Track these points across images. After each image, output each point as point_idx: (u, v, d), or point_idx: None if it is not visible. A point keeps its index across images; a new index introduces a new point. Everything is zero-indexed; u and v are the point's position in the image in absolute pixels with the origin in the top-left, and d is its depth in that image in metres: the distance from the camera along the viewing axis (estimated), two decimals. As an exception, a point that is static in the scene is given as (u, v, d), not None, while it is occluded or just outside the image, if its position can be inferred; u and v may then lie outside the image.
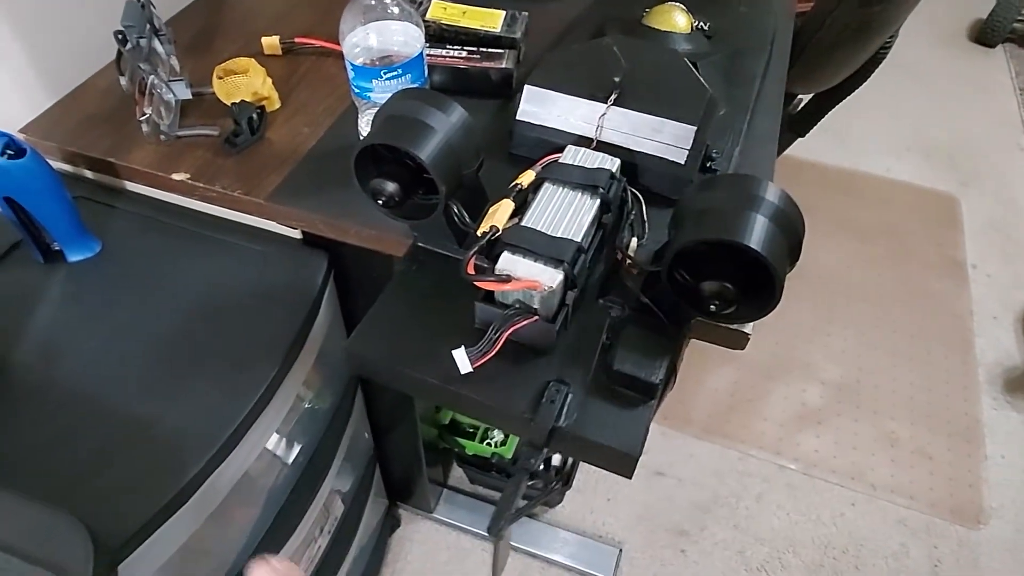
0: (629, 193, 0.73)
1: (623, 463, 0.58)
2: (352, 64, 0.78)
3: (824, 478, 1.64)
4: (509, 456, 1.44)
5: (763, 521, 1.57)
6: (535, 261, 0.61)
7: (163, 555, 0.73)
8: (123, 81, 0.92)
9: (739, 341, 0.74)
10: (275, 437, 0.89)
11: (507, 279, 0.59)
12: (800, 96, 1.71)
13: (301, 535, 1.01)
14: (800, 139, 1.81)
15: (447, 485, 1.57)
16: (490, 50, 0.98)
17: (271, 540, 0.96)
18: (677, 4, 0.96)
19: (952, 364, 1.85)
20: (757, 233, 0.56)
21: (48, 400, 0.76)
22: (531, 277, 0.60)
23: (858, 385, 1.80)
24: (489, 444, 1.44)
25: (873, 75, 1.58)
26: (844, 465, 1.66)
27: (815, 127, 1.77)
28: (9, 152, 0.79)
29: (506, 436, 1.45)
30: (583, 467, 1.55)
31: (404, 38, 0.80)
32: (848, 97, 1.68)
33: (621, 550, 1.51)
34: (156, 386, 0.77)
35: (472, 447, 1.44)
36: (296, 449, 0.98)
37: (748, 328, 0.73)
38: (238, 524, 0.90)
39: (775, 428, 1.72)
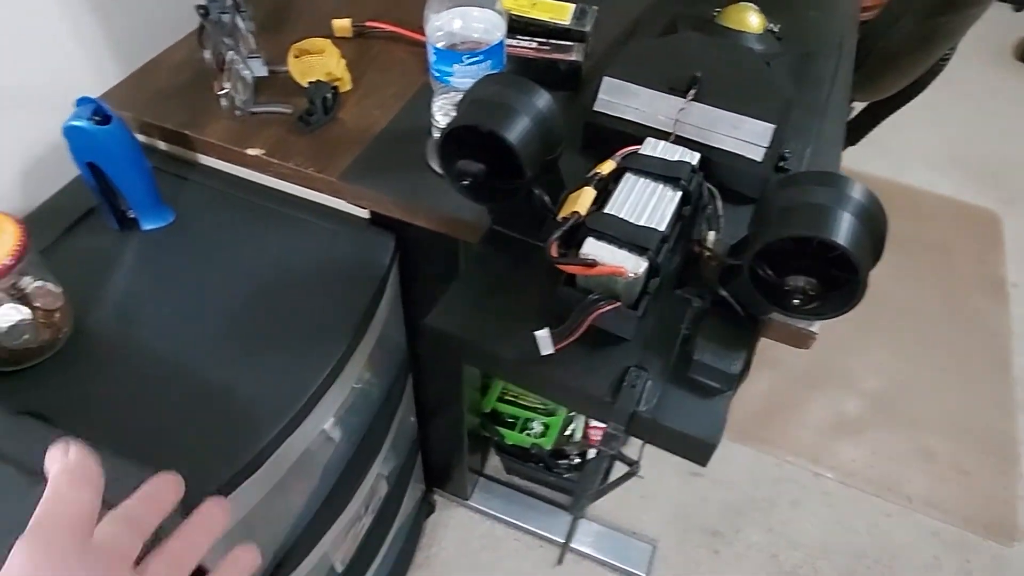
0: (705, 187, 0.74)
1: (700, 450, 0.59)
2: (434, 47, 0.79)
3: (860, 488, 1.63)
4: (548, 447, 1.45)
5: (797, 526, 1.57)
6: (619, 248, 0.62)
7: (232, 519, 0.75)
8: (206, 55, 0.94)
9: (805, 340, 0.75)
10: (334, 417, 0.90)
11: (593, 264, 0.60)
12: (853, 104, 1.70)
13: (350, 512, 1.03)
14: (851, 147, 1.80)
15: (483, 474, 1.59)
16: (559, 42, 0.99)
17: (324, 515, 0.98)
18: (751, 4, 0.96)
19: (991, 381, 1.83)
20: (845, 230, 0.56)
21: (126, 362, 0.78)
22: (616, 263, 0.61)
23: (896, 397, 1.79)
24: (528, 434, 1.45)
25: (923, 87, 1.57)
26: (880, 476, 1.65)
27: (866, 136, 1.76)
28: (95, 118, 0.81)
29: (545, 428, 1.46)
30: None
31: (486, 25, 0.80)
32: (899, 109, 1.67)
33: (655, 547, 1.51)
34: (230, 355, 0.79)
35: (512, 437, 1.45)
36: (351, 428, 0.99)
37: (815, 327, 0.73)
38: (296, 497, 0.92)
39: (812, 435, 1.71)
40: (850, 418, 1.75)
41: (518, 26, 1.02)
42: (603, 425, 1.48)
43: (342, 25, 1.08)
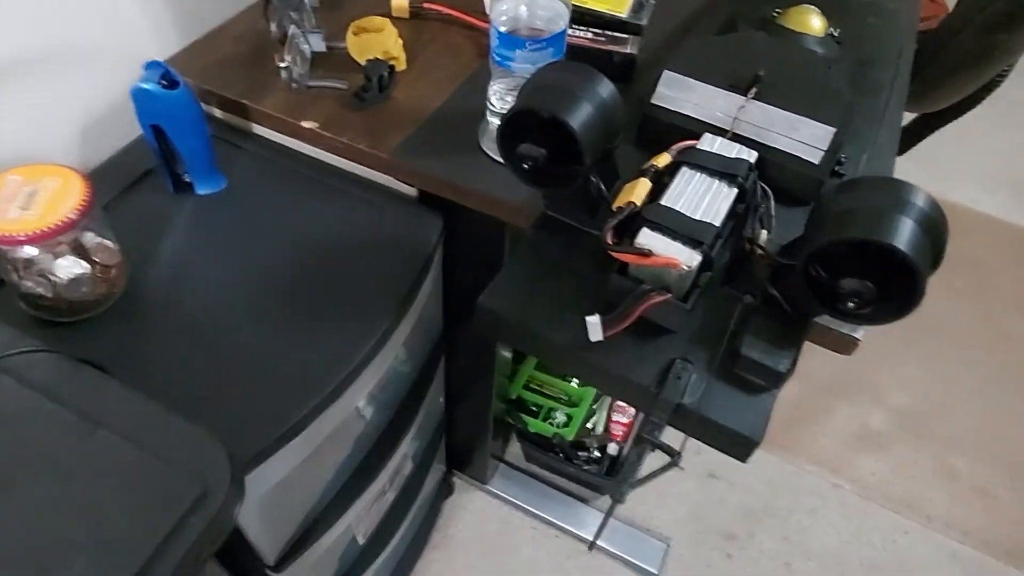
0: (760, 186, 0.74)
1: (742, 446, 0.59)
2: (498, 31, 0.80)
3: (879, 502, 1.62)
4: (570, 438, 1.46)
5: (813, 536, 1.56)
6: (674, 240, 0.62)
7: (268, 482, 0.77)
8: (272, 27, 0.95)
9: (848, 346, 0.75)
10: (369, 390, 0.92)
11: (648, 253, 0.61)
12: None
13: (377, 487, 1.05)
14: (897, 157, 1.78)
15: (504, 460, 1.60)
16: (614, 34, 0.99)
17: (352, 487, 0.99)
18: (813, 7, 0.95)
19: (1022, 406, 1.81)
20: (905, 236, 0.56)
21: (176, 320, 0.80)
22: (671, 255, 0.61)
23: (924, 415, 1.77)
24: (551, 424, 1.46)
25: (974, 103, 1.54)
26: (901, 492, 1.63)
27: (914, 147, 1.73)
28: (163, 82, 0.83)
29: (568, 419, 1.47)
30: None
31: (550, 13, 0.81)
32: (947, 124, 1.64)
33: (669, 545, 1.52)
34: (276, 320, 0.80)
35: (535, 425, 1.46)
36: (384, 404, 1.01)
37: (859, 334, 0.73)
38: (328, 467, 0.93)
39: (835, 446, 1.70)
40: (874, 432, 1.73)
41: (575, 15, 1.02)
42: (626, 420, 1.49)
43: (399, 5, 1.09)
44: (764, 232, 0.69)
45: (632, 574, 1.49)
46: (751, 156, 0.71)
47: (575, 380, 1.51)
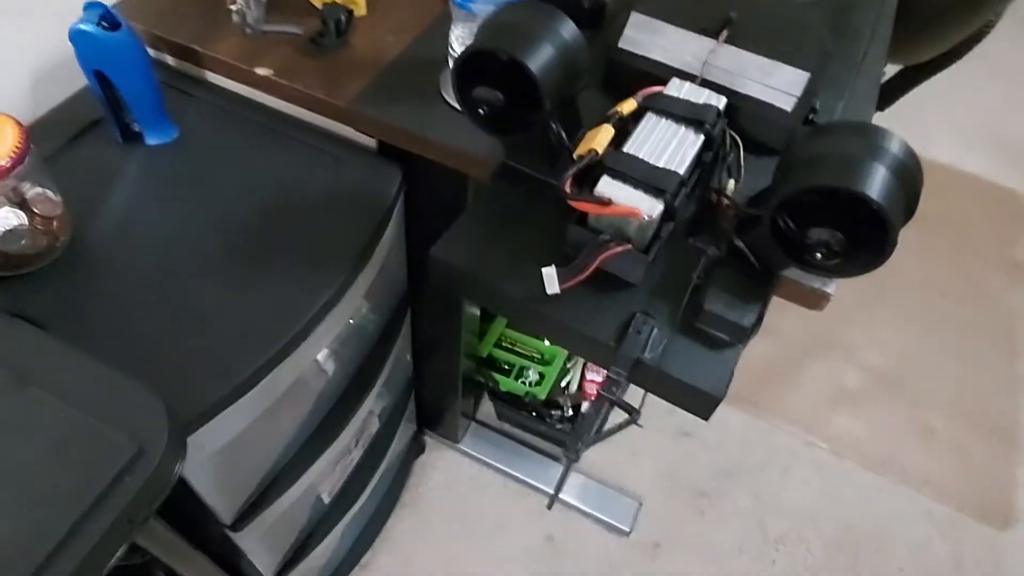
0: (728, 135, 0.71)
1: (704, 403, 0.57)
2: (457, -30, 0.75)
3: (853, 460, 1.62)
4: (542, 397, 1.45)
5: (786, 494, 1.57)
6: (635, 189, 0.59)
7: (219, 440, 0.75)
8: (219, -35, 0.90)
9: (818, 301, 0.73)
10: (329, 346, 0.89)
11: (607, 202, 0.58)
12: (885, 68, 1.64)
13: (340, 445, 1.03)
14: (878, 113, 1.75)
15: (475, 418, 1.59)
16: (586, -22, 0.94)
17: (313, 445, 0.97)
18: (792, -53, 0.91)
19: (999, 364, 1.81)
20: (878, 184, 0.53)
21: (123, 275, 0.76)
22: (631, 204, 0.58)
23: (899, 373, 1.77)
24: (523, 383, 1.45)
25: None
26: (875, 450, 1.64)
27: (896, 103, 1.70)
28: (104, 24, 0.78)
29: (541, 377, 1.46)
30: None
31: (513, -51, 0.76)
32: (930, 78, 1.61)
33: (641, 504, 1.52)
34: (228, 273, 0.77)
35: (507, 384, 1.44)
36: (346, 361, 0.98)
37: (831, 288, 0.71)
38: (286, 425, 0.91)
39: (809, 405, 1.70)
40: (849, 390, 1.73)
41: (544, -42, 0.98)
42: (600, 379, 1.48)
43: (361, -55, 1.03)
44: (732, 182, 0.67)
45: (604, 532, 1.49)
46: (720, 102, 0.68)
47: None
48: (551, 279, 0.58)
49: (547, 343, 1.47)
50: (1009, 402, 1.74)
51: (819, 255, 0.56)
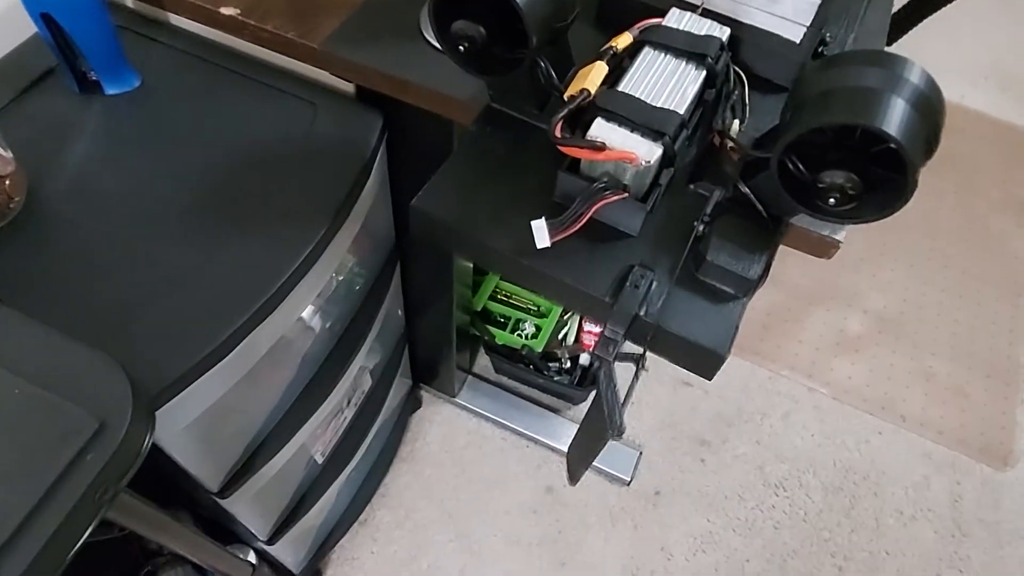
0: (732, 70, 0.65)
1: (707, 362, 0.54)
2: None
3: (854, 405, 1.61)
4: (539, 349, 1.41)
5: (786, 440, 1.56)
6: (632, 131, 0.54)
7: (196, 409, 0.71)
8: None
9: (827, 249, 0.69)
10: (313, 305, 0.85)
11: (601, 147, 0.53)
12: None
13: (330, 405, 1.00)
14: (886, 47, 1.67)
15: (471, 372, 1.56)
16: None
17: (301, 407, 0.94)
18: None
19: (1001, 306, 1.78)
20: (896, 118, 0.48)
21: (85, 237, 0.71)
22: (627, 148, 0.53)
23: (901, 317, 1.74)
24: (520, 335, 1.41)
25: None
26: (876, 394, 1.62)
27: (902, 37, 1.62)
28: (46, -41, 0.71)
29: (537, 330, 1.42)
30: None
31: None
32: (942, 8, 1.53)
33: (641, 453, 1.51)
34: (197, 233, 0.72)
35: (502, 337, 1.41)
36: (332, 319, 0.94)
37: (840, 235, 0.67)
38: (270, 388, 0.88)
39: (810, 351, 1.67)
40: (851, 336, 1.71)
41: None
42: (598, 330, 1.44)
43: None
44: (736, 122, 0.61)
45: (604, 482, 1.48)
46: (723, 33, 0.62)
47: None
48: (541, 231, 0.54)
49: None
50: (1012, 342, 1.72)
51: (832, 200, 0.51)
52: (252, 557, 1.13)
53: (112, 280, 0.68)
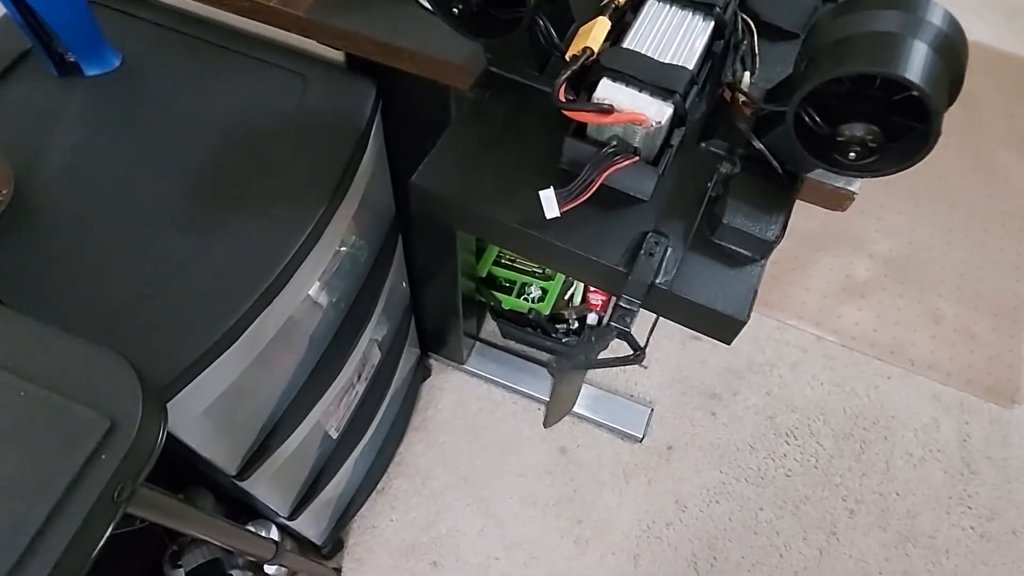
0: (740, 18, 0.62)
1: (726, 328, 0.52)
2: None
3: (862, 351, 1.60)
4: (546, 312, 1.40)
5: (796, 389, 1.56)
6: (640, 91, 0.52)
7: (209, 396, 0.70)
8: None
9: (842, 201, 0.67)
10: (318, 283, 0.83)
11: (609, 110, 0.50)
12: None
13: (342, 381, 0.99)
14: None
15: (479, 338, 1.55)
16: None
17: (313, 385, 0.93)
18: None
19: (1007, 242, 1.77)
20: (918, 64, 0.46)
21: (78, 229, 0.69)
22: (636, 109, 0.51)
23: (907, 260, 1.73)
24: (526, 299, 1.40)
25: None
26: (884, 339, 1.62)
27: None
28: (11, -64, 0.68)
29: (543, 292, 1.41)
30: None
31: None
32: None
33: (652, 409, 1.51)
34: (195, 218, 0.70)
35: (509, 302, 1.40)
36: (338, 295, 0.93)
37: (855, 186, 0.65)
38: (282, 368, 0.87)
39: (817, 299, 1.66)
40: (858, 281, 1.69)
41: None
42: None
43: None
44: (746, 74, 0.59)
45: (617, 440, 1.48)
46: (730, -20, 0.59)
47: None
48: (549, 201, 0.52)
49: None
50: (1017, 282, 1.71)
51: (852, 154, 0.49)
52: (275, 533, 1.14)
53: (111, 272, 0.66)
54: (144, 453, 0.52)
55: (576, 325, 1.46)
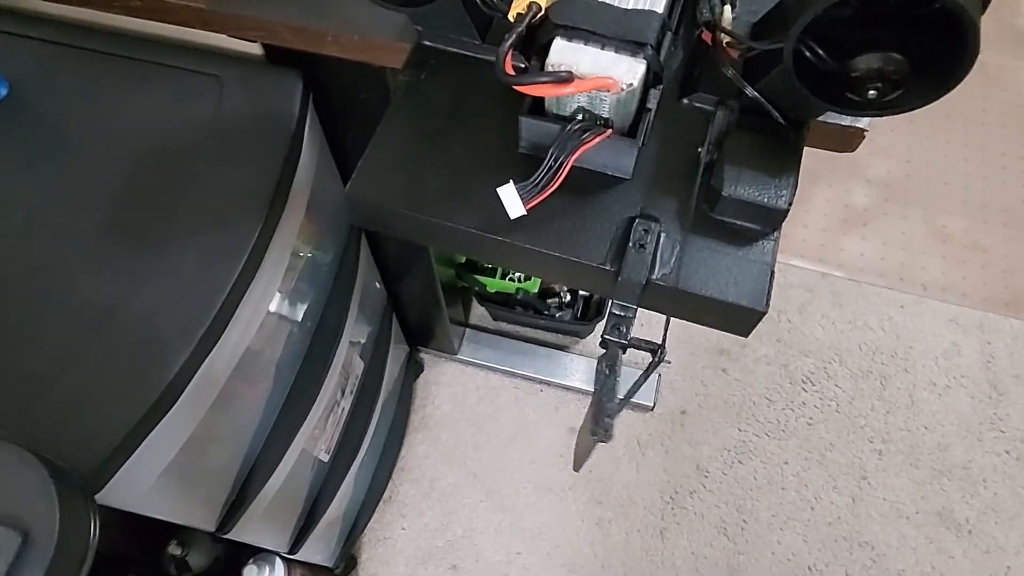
0: (710, -57, 0.52)
1: (742, 320, 0.44)
2: None
3: (871, 282, 1.52)
4: (535, 290, 1.32)
5: (807, 332, 1.48)
6: (603, 48, 0.42)
7: (162, 459, 0.62)
8: None
9: (852, 141, 0.58)
10: (274, 305, 0.74)
11: (568, 78, 0.41)
12: None
13: (323, 402, 0.90)
14: None
15: (469, 324, 1.47)
16: None
17: (290, 414, 0.85)
18: None
19: (1009, 147, 1.68)
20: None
21: (-23, 291, 0.60)
22: (601, 72, 0.41)
23: (907, 180, 1.64)
24: (512, 280, 1.31)
25: None
26: (892, 267, 1.54)
27: None
28: None
29: (530, 269, 1.32)
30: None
31: None
32: None
33: (660, 375, 1.43)
34: (112, 262, 0.61)
35: (494, 284, 1.31)
36: (302, 310, 0.84)
37: (864, 123, 0.56)
38: (250, 405, 0.78)
39: (818, 235, 1.58)
40: (858, 209, 1.61)
41: None
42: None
43: None
44: (727, 8, 0.49)
45: (628, 412, 1.41)
46: None
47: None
48: (511, 198, 0.42)
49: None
50: (1025, 187, 1.62)
51: (872, 92, 0.40)
52: (280, 567, 1.07)
53: (18, 339, 0.57)
54: (72, 561, 0.44)
55: (568, 298, 1.38)
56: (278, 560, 1.06)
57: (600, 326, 1.40)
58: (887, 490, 1.34)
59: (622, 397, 0.45)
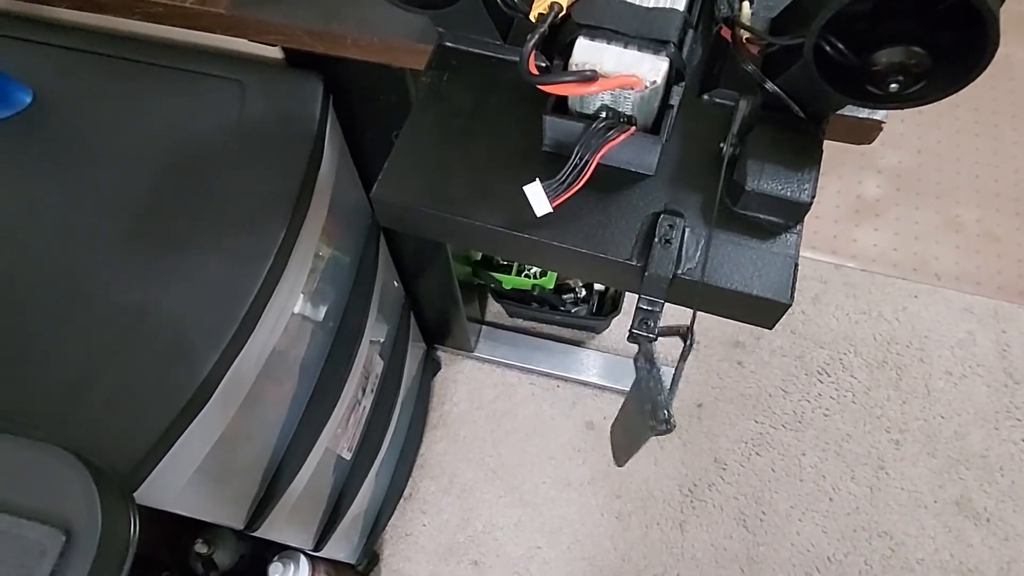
0: (726, -61, 0.53)
1: (767, 313, 0.44)
2: None
3: (884, 273, 1.52)
4: (551, 287, 1.33)
5: (821, 324, 1.48)
6: (626, 47, 0.43)
7: (195, 459, 0.63)
8: None
9: (869, 133, 0.59)
10: (298, 307, 0.75)
11: (592, 77, 0.41)
12: None
13: (346, 401, 0.92)
14: None
15: (485, 322, 1.48)
16: None
17: (315, 411, 0.86)
18: None
19: (1020, 135, 1.67)
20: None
21: (4, 298, 0.61)
22: (624, 70, 0.42)
23: (919, 169, 1.64)
24: (528, 276, 1.32)
25: None
26: (905, 257, 1.54)
27: None
28: None
29: (544, 266, 1.33)
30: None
31: None
32: None
33: (674, 368, 1.43)
34: (141, 267, 0.62)
35: (510, 281, 1.32)
36: (324, 314, 0.85)
37: (880, 115, 0.56)
38: (276, 405, 0.79)
39: (829, 225, 1.58)
40: (869, 200, 1.60)
41: None
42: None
43: None
44: (746, 4, 0.49)
45: (643, 406, 1.41)
46: None
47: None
48: (538, 196, 0.43)
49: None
50: (1041, 174, 1.62)
51: (895, 85, 0.40)
52: (304, 564, 1.08)
53: (49, 348, 0.58)
54: (116, 555, 0.45)
55: (584, 293, 1.38)
56: (302, 557, 1.08)
57: (615, 321, 1.41)
58: (905, 480, 1.34)
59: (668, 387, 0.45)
